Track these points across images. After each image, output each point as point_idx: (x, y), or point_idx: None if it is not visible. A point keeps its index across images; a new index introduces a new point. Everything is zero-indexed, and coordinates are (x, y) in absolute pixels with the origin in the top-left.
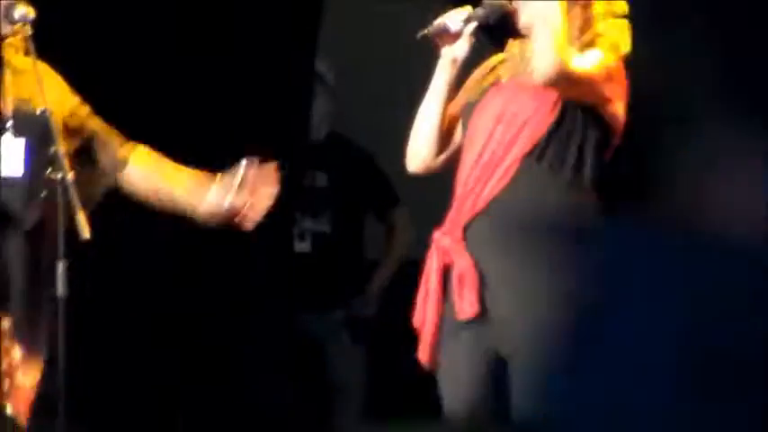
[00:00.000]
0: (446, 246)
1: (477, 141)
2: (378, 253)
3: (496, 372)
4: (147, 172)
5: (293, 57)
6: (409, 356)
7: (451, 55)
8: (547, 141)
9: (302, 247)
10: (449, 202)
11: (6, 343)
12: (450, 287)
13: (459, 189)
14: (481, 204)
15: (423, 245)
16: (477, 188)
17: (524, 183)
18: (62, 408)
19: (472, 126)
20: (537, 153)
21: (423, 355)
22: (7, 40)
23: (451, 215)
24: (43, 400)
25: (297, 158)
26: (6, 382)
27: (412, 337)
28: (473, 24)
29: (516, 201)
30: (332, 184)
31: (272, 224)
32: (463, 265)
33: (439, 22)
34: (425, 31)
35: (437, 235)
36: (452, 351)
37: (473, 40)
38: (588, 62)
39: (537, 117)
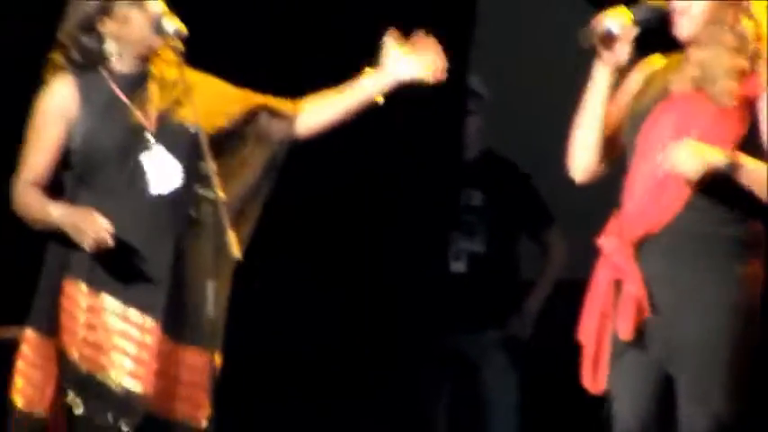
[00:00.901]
0: (618, 262)
1: (650, 156)
2: (533, 273)
3: (664, 390)
4: (317, 107)
5: (447, 73)
6: (564, 378)
7: (614, 60)
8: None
9: (457, 267)
10: (601, 214)
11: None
12: (619, 304)
13: (631, 204)
14: (657, 225)
15: (576, 263)
16: (651, 207)
17: (703, 206)
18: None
19: (644, 139)
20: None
21: (586, 374)
22: (157, 54)
23: (623, 229)
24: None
25: (450, 177)
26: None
27: (567, 359)
28: (636, 28)
29: (693, 223)
30: (487, 203)
31: (427, 244)
32: (635, 285)
33: (601, 25)
34: (588, 37)
35: (608, 249)
36: (620, 369)
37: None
38: None
39: (720, 139)
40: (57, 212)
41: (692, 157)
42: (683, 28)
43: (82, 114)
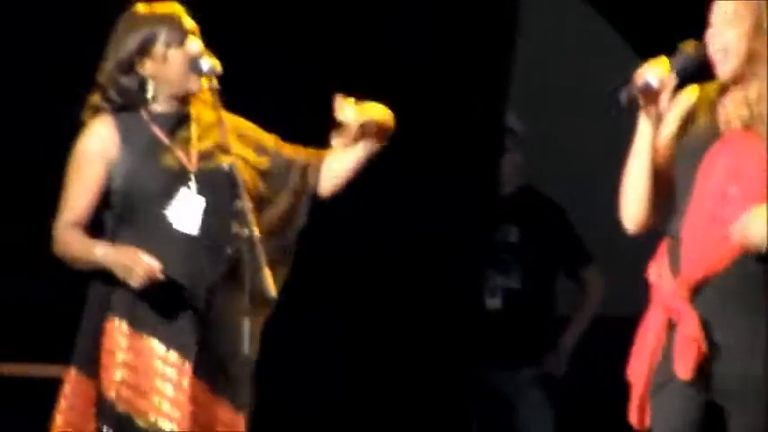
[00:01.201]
0: (673, 305)
1: (706, 197)
2: (569, 309)
3: (704, 428)
4: (331, 163)
5: (483, 110)
6: (599, 415)
7: (656, 112)
8: None
9: (493, 303)
10: (639, 252)
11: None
12: (671, 344)
13: (687, 245)
14: (714, 268)
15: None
16: (709, 250)
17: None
18: None
19: (701, 182)
20: None
21: (633, 412)
22: (196, 95)
23: (682, 271)
24: None
25: (487, 213)
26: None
27: (602, 397)
28: (675, 78)
29: (752, 266)
30: (523, 239)
31: (463, 279)
32: (692, 327)
33: (641, 80)
34: (629, 94)
35: (663, 291)
36: (667, 405)
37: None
38: None
39: None
40: (101, 252)
41: (763, 228)
42: (725, 69)
43: (122, 155)
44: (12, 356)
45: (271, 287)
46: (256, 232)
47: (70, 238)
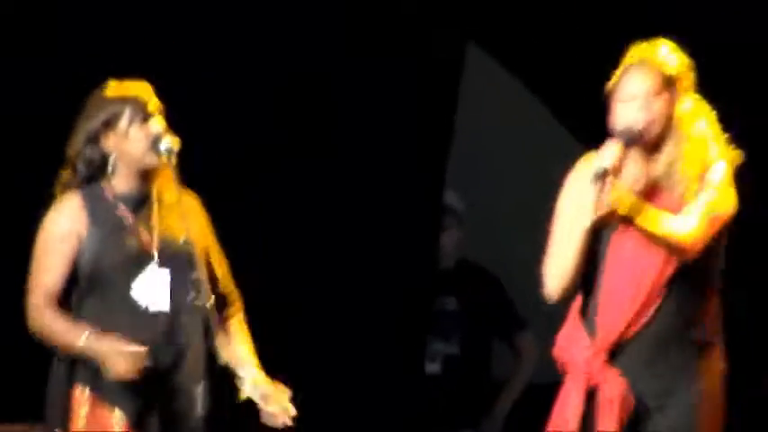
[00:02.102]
0: (594, 370)
1: (617, 270)
2: (505, 374)
3: None
4: (232, 342)
5: (423, 190)
6: None
7: (607, 194)
8: (684, 274)
9: (433, 368)
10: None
11: None
12: (594, 407)
13: (607, 313)
14: (631, 332)
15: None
16: (628, 316)
17: (671, 311)
18: None
19: (612, 250)
20: (676, 287)
21: None
22: (159, 172)
23: (598, 337)
24: None
25: (427, 285)
26: None
27: None
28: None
29: (663, 328)
30: (461, 308)
31: (403, 346)
32: (616, 388)
33: (598, 167)
34: (595, 185)
35: (581, 359)
36: None
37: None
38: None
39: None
40: (84, 343)
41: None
42: (651, 132)
43: (90, 233)
44: None
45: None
46: (210, 302)
47: (48, 320)
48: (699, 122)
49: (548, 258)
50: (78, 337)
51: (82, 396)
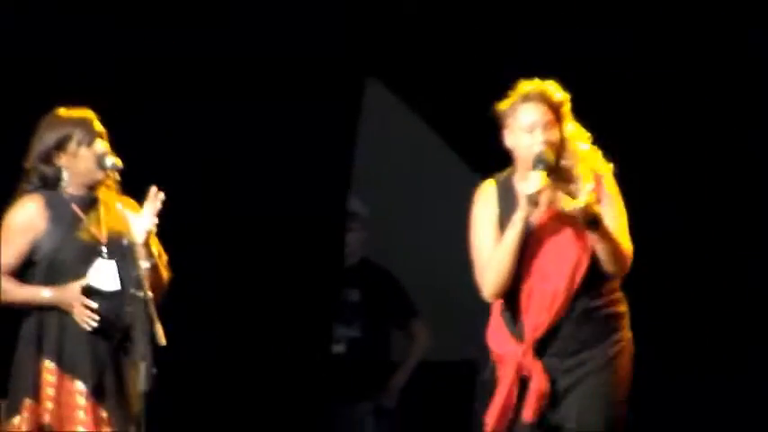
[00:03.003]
0: (525, 364)
1: (538, 269)
2: (400, 355)
3: None
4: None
5: (330, 198)
6: None
7: (534, 209)
8: (592, 270)
9: (338, 349)
10: (459, 308)
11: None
12: (523, 393)
13: (529, 316)
14: (548, 328)
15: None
16: (546, 317)
17: (581, 305)
18: None
19: (529, 254)
20: (587, 280)
21: None
22: (102, 184)
23: (525, 335)
24: None
25: (333, 279)
26: None
27: (428, 426)
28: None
29: (578, 320)
30: (363, 299)
31: (312, 330)
32: (539, 382)
33: (531, 193)
34: (529, 206)
35: (513, 354)
36: None
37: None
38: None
39: (585, 253)
40: (48, 294)
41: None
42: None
43: (49, 228)
44: None
45: (162, 337)
46: (149, 293)
47: (11, 286)
48: (581, 142)
49: (481, 269)
50: (42, 291)
51: (49, 366)
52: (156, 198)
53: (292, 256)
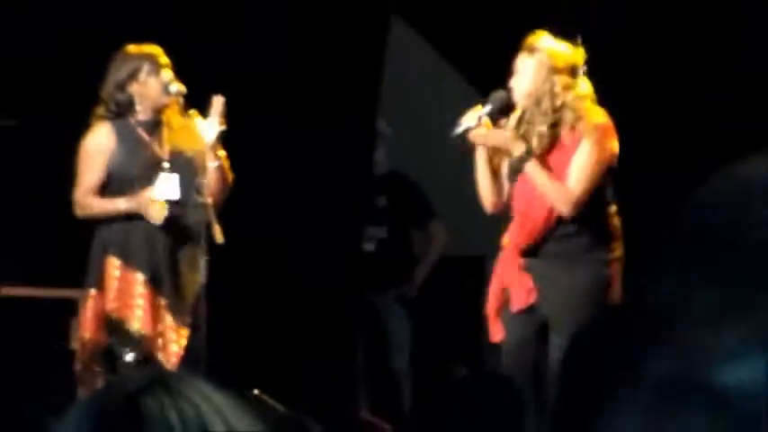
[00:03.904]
0: (510, 261)
1: (524, 197)
2: (421, 251)
3: (535, 343)
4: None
5: (361, 119)
6: (443, 322)
7: (482, 141)
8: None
9: (369, 247)
10: (470, 210)
11: (162, 314)
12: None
13: (516, 226)
14: (532, 234)
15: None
16: (526, 220)
17: (566, 233)
18: (203, 368)
19: (519, 187)
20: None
21: (492, 333)
22: (168, 107)
23: (512, 238)
24: (188, 362)
25: (364, 188)
26: (160, 342)
27: (444, 311)
28: (486, 117)
29: (561, 231)
30: (389, 204)
31: (347, 231)
32: (522, 273)
33: (462, 124)
34: (455, 134)
35: (504, 253)
36: (509, 327)
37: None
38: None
39: (559, 169)
40: (125, 204)
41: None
42: (522, 105)
43: (118, 150)
44: (28, 280)
45: (220, 236)
46: (209, 200)
47: (91, 202)
48: (577, 94)
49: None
50: (119, 202)
51: (114, 262)
52: (220, 105)
53: (330, 168)
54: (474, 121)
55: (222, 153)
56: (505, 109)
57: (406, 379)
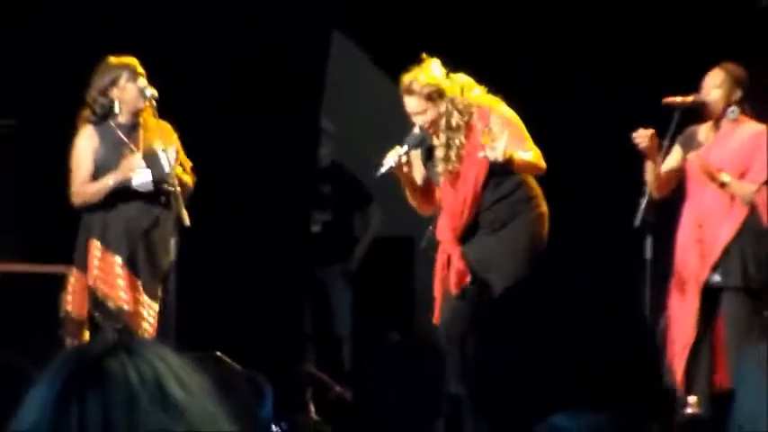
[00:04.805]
0: (447, 248)
1: (451, 194)
2: (360, 232)
3: (467, 314)
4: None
5: (305, 116)
6: (382, 291)
7: (410, 173)
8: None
9: (315, 228)
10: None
11: (139, 291)
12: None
13: (447, 212)
14: (460, 221)
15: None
16: (455, 211)
17: (483, 210)
18: (173, 333)
19: (444, 186)
20: (485, 197)
21: (437, 313)
22: (144, 109)
23: (447, 225)
24: (160, 330)
25: (310, 177)
26: (138, 316)
27: (383, 284)
28: (404, 156)
29: (484, 217)
30: (332, 191)
31: (296, 215)
32: (458, 262)
33: (386, 164)
34: (380, 173)
35: (441, 239)
36: (447, 307)
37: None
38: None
39: (476, 185)
40: (112, 177)
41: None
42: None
43: (100, 149)
44: (21, 257)
45: (186, 220)
46: (178, 189)
47: (86, 188)
48: (471, 93)
49: None
50: (107, 178)
51: (96, 244)
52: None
53: (281, 161)
54: (394, 160)
55: (188, 164)
56: (422, 144)
57: (347, 343)
